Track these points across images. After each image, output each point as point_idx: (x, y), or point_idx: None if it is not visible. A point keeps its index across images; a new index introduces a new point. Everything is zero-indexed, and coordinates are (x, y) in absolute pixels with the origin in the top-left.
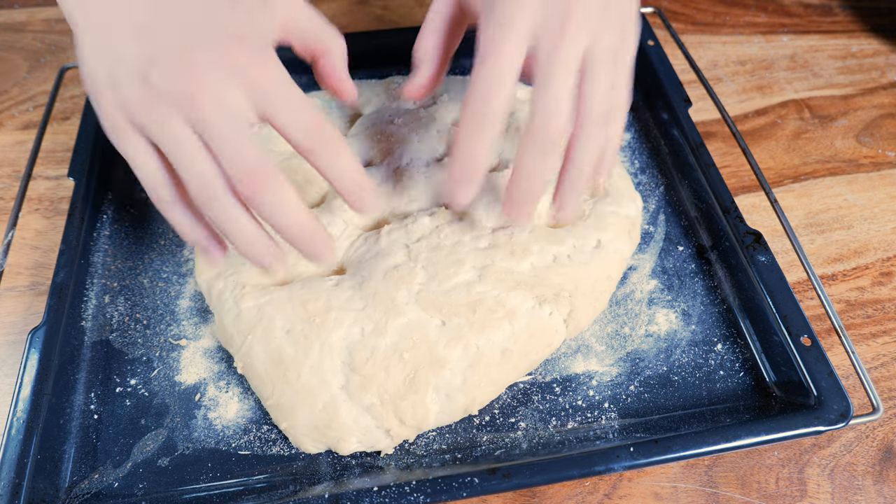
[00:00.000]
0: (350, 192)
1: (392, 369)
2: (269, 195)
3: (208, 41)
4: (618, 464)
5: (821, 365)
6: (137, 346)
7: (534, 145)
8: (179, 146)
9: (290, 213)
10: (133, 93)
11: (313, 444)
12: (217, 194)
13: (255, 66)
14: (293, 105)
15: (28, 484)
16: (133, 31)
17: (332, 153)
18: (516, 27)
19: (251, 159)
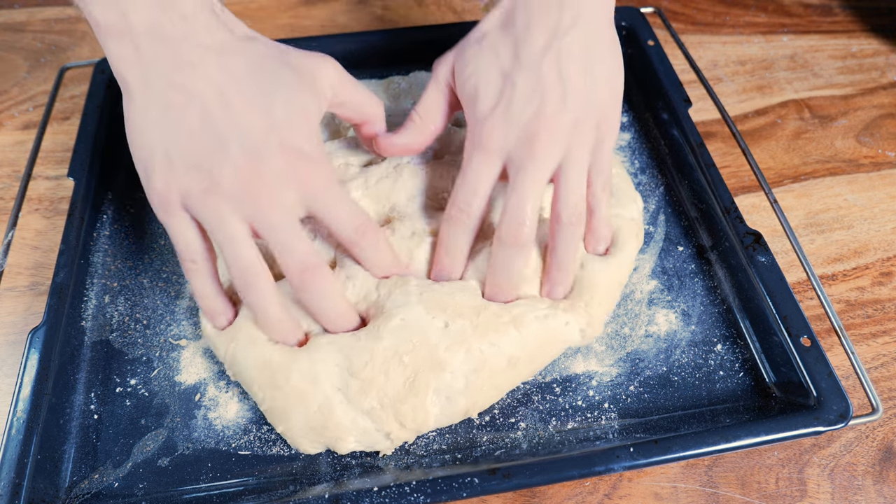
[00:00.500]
0: (387, 274)
1: (392, 373)
2: (318, 287)
3: (268, 143)
4: (618, 464)
5: (820, 365)
6: (137, 346)
7: (504, 248)
8: (232, 234)
9: (333, 305)
10: (194, 183)
11: (311, 445)
12: (258, 281)
13: (308, 167)
14: (341, 203)
15: (28, 484)
16: (197, 116)
17: (374, 245)
18: (489, 149)
19: (304, 253)
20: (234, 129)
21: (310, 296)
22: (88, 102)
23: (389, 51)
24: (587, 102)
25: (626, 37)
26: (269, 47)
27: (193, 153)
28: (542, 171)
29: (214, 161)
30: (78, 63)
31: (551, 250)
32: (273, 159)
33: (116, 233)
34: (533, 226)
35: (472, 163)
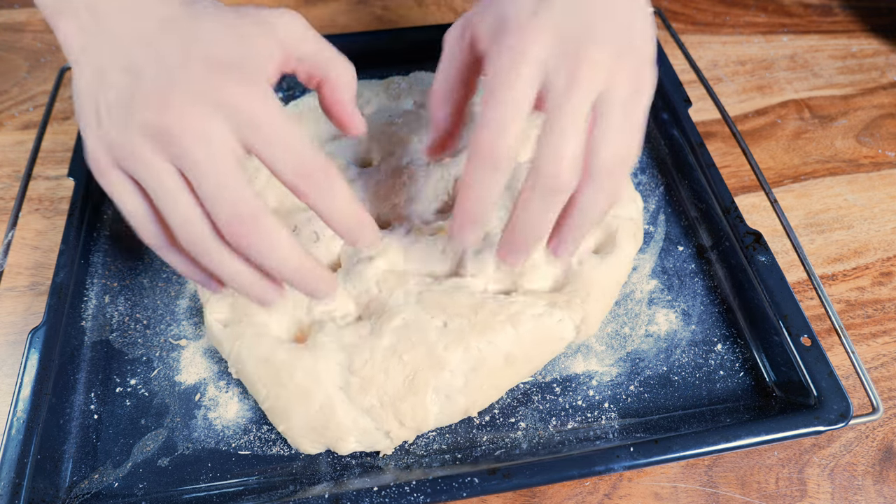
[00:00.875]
0: (347, 231)
1: (391, 371)
2: (256, 239)
3: (193, 73)
4: (618, 464)
5: (821, 365)
6: (137, 346)
7: (537, 194)
8: (161, 186)
9: (281, 257)
10: (115, 131)
11: (312, 445)
12: (202, 238)
13: (241, 96)
14: (282, 139)
15: (28, 484)
16: (121, 66)
17: (325, 193)
18: (529, 58)
19: (235, 199)
20: (159, 63)
21: (251, 252)
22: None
23: (389, 51)
24: (631, 29)
25: None
26: (222, 7)
27: (115, 97)
28: (585, 99)
29: (132, 100)
30: None
31: (572, 199)
32: (192, 77)
33: (116, 233)
34: (576, 168)
35: (507, 76)
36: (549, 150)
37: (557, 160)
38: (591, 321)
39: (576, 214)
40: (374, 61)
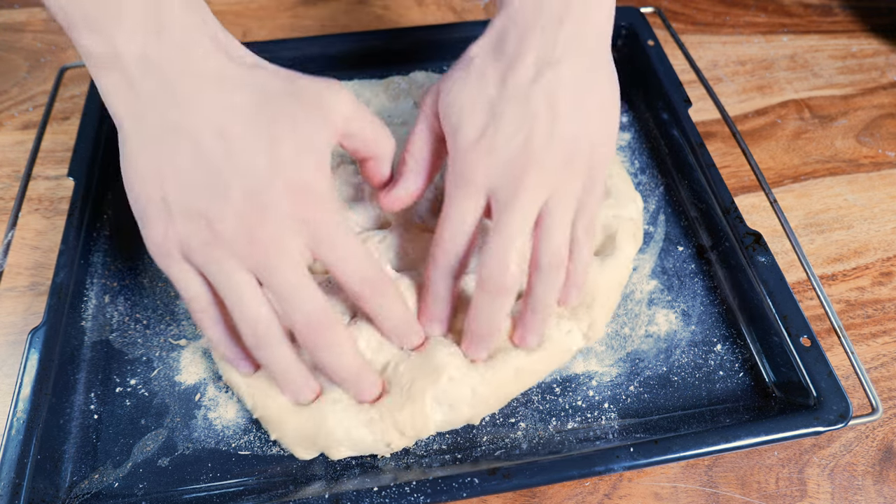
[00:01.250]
0: (397, 334)
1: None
2: (328, 345)
3: (272, 185)
4: (618, 464)
5: (820, 365)
6: (137, 346)
7: (485, 293)
8: (238, 290)
9: (345, 363)
10: (193, 234)
11: (306, 451)
12: (270, 340)
13: (315, 210)
14: (348, 250)
15: (28, 484)
16: (191, 160)
17: (383, 299)
18: (473, 183)
19: (313, 305)
20: (233, 170)
21: (321, 355)
22: (88, 102)
23: (389, 51)
24: (578, 137)
25: (626, 37)
26: (275, 75)
27: (191, 200)
28: (528, 211)
29: (214, 209)
30: (78, 63)
31: (527, 295)
32: (278, 203)
33: (116, 233)
34: (517, 271)
35: (455, 199)
36: (492, 258)
37: (501, 267)
38: (598, 326)
39: (529, 306)
40: (374, 61)
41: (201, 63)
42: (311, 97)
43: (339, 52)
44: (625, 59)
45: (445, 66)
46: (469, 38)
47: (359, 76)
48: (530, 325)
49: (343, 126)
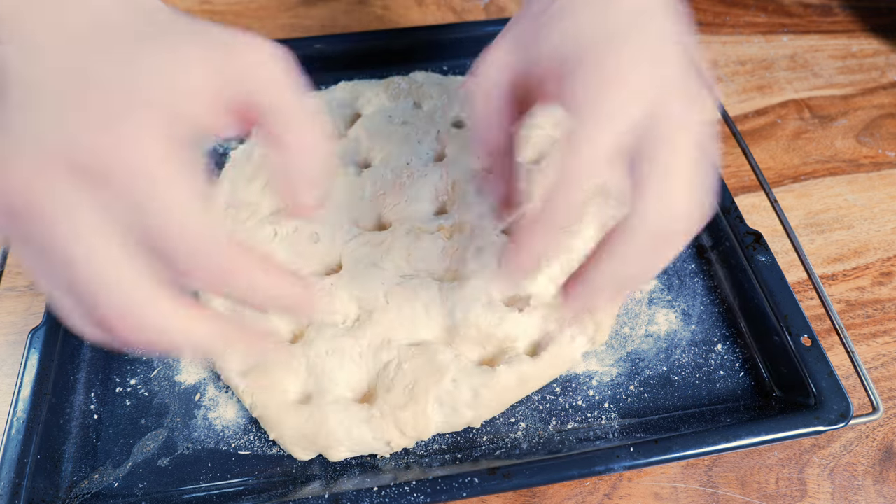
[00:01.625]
0: (288, 309)
1: (393, 381)
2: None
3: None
4: (618, 464)
5: (821, 365)
6: None
7: (642, 238)
8: (90, 235)
9: (272, 287)
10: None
11: (303, 452)
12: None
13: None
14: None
15: (28, 484)
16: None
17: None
18: (622, 119)
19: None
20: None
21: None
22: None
23: (389, 51)
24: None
25: None
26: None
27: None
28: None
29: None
30: None
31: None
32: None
33: None
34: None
35: (593, 128)
36: (657, 197)
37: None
38: (604, 328)
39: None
40: (374, 61)
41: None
42: (216, 39)
43: (339, 52)
44: None
45: (445, 66)
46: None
47: (359, 76)
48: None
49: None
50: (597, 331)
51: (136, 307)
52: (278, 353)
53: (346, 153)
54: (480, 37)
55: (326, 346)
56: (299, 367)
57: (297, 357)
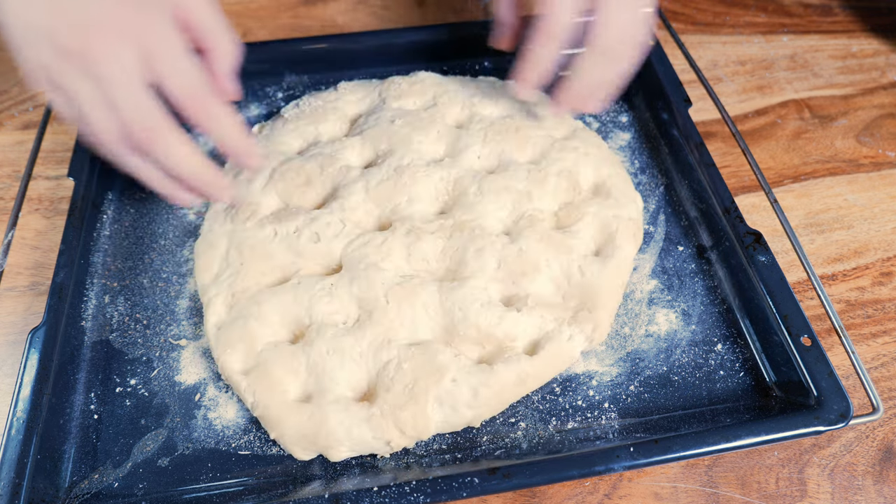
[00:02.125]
0: (235, 151)
1: (393, 381)
2: (163, 147)
3: (104, 5)
4: (618, 464)
5: (821, 365)
6: (137, 346)
7: (597, 55)
8: (83, 101)
9: (184, 162)
10: (43, 53)
11: (304, 451)
12: (113, 144)
13: (147, 29)
14: (179, 71)
15: (28, 484)
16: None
17: (213, 119)
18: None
19: (144, 114)
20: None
21: (160, 158)
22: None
23: (389, 51)
24: None
25: None
26: None
27: (40, 22)
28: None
29: (54, 25)
30: None
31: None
32: (108, 19)
33: (116, 233)
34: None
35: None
36: (610, 28)
37: (619, 34)
38: (602, 327)
39: (572, 73)
40: (374, 61)
41: None
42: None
43: (340, 52)
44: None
45: (445, 66)
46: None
47: (359, 76)
48: (568, 94)
49: (182, 3)
50: (595, 330)
51: (156, 123)
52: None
53: (347, 153)
54: (480, 37)
55: (327, 346)
56: (300, 366)
57: (298, 357)
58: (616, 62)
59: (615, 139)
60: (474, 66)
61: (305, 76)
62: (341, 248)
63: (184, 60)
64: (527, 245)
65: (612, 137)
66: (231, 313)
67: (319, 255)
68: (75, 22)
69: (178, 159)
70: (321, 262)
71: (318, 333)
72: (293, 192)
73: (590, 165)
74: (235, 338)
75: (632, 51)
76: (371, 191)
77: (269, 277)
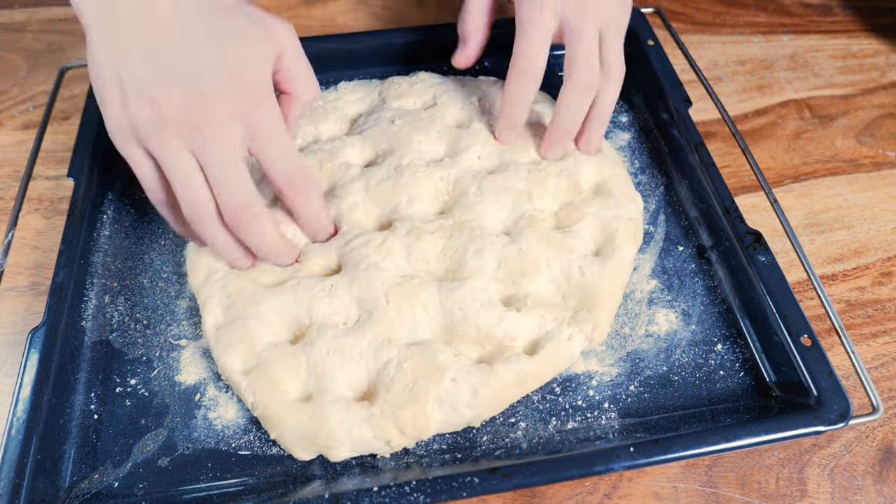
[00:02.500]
0: (314, 230)
1: (393, 380)
2: (251, 226)
3: (216, 76)
4: (618, 464)
5: (821, 365)
6: (137, 346)
7: (575, 91)
8: (177, 167)
9: (266, 241)
10: (142, 112)
11: (304, 452)
12: (205, 216)
13: (254, 106)
14: (280, 150)
15: (28, 484)
16: (145, 51)
17: (303, 198)
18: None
19: (239, 192)
20: (183, 61)
21: (245, 233)
22: (88, 102)
23: (389, 51)
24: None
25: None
26: (231, 5)
27: (142, 81)
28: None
29: (163, 93)
30: (78, 63)
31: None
32: (220, 94)
33: (116, 233)
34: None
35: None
36: (579, 61)
37: (588, 66)
38: (602, 328)
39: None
40: (374, 61)
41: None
42: (259, 18)
43: (340, 52)
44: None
45: (445, 66)
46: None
47: (359, 76)
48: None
49: (279, 52)
50: (595, 329)
51: (253, 203)
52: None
53: (347, 153)
54: None
55: (327, 346)
56: (300, 366)
57: (298, 357)
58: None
59: (615, 139)
60: (474, 66)
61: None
62: (341, 247)
63: (285, 139)
64: (527, 245)
65: (612, 137)
66: (230, 313)
67: (319, 254)
68: (188, 91)
69: (264, 239)
70: (321, 262)
71: (318, 333)
72: None
73: (591, 165)
74: (235, 338)
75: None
76: (371, 190)
77: (265, 278)
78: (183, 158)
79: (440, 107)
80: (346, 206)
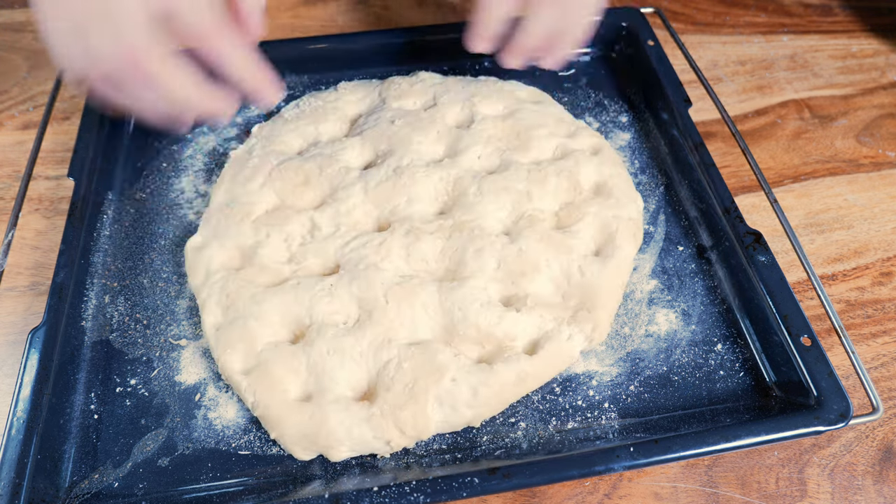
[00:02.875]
0: (251, 88)
1: (393, 380)
2: (227, 46)
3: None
4: (618, 464)
5: (821, 365)
6: (137, 346)
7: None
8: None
9: (240, 59)
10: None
11: (304, 451)
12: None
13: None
14: (193, 6)
15: (28, 484)
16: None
17: (226, 55)
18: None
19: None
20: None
21: (218, 56)
22: (88, 102)
23: (389, 51)
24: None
25: (626, 37)
26: None
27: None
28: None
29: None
30: None
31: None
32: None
33: (116, 233)
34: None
35: None
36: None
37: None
38: (602, 327)
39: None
40: (374, 61)
41: None
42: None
43: (340, 52)
44: (625, 59)
45: (445, 66)
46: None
47: (359, 76)
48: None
49: None
50: (594, 329)
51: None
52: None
53: (347, 154)
54: None
55: (327, 346)
56: (300, 366)
57: (298, 357)
58: (570, 10)
59: (615, 139)
60: (474, 66)
61: (305, 76)
62: (340, 248)
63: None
64: (526, 245)
65: (612, 137)
66: (229, 313)
67: (319, 255)
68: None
69: (235, 57)
70: (321, 262)
71: (318, 333)
72: (291, 191)
73: (591, 165)
74: (235, 338)
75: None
76: (370, 192)
77: (264, 278)
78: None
79: (440, 107)
80: (346, 207)
